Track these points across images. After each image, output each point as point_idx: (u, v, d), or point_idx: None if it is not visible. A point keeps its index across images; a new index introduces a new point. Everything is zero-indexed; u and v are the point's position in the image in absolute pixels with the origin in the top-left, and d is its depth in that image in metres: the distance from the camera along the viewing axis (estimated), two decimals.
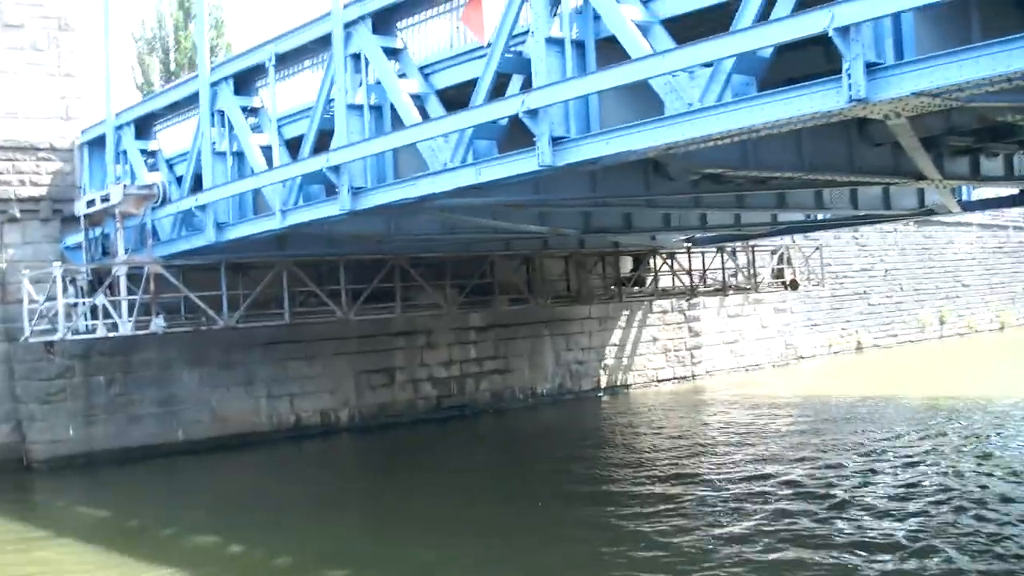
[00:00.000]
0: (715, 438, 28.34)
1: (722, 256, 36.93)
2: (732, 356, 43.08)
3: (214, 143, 22.76)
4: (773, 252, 39.68)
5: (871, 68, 12.23)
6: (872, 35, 12.50)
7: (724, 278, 37.10)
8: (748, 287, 37.94)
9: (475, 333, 34.63)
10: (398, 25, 19.19)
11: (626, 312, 38.65)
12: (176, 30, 68.36)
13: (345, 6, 19.11)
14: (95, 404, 27.72)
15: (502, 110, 15.75)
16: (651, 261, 37.38)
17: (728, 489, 21.48)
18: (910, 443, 26.04)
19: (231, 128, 22.50)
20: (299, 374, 30.85)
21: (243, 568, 17.81)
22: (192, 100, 24.89)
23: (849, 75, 12.28)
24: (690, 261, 36.83)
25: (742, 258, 38.28)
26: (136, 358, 28.21)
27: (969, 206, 30.09)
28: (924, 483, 21.17)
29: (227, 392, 29.60)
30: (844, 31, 12.03)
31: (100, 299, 24.05)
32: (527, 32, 16.50)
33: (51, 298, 24.89)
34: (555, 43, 15.69)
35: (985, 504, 18.96)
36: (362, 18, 18.90)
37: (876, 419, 30.24)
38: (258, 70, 22.31)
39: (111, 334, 24.41)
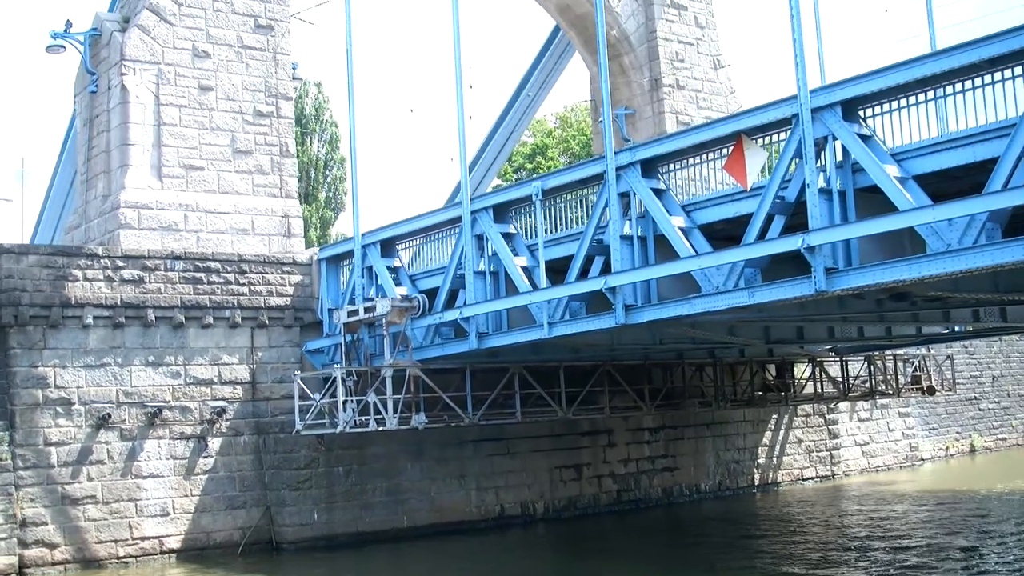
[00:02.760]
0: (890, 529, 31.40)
1: (869, 364, 40.13)
2: (864, 457, 46.13)
3: (472, 263, 26.57)
4: (905, 361, 42.72)
5: None
6: None
7: (872, 384, 40.22)
8: (891, 392, 41.04)
9: (648, 434, 38.12)
10: (660, 169, 22.98)
11: (775, 415, 41.92)
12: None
13: (617, 153, 22.96)
14: (335, 492, 31.32)
15: (785, 246, 19.45)
16: (795, 368, 40.69)
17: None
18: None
19: (491, 251, 26.30)
20: (503, 468, 34.37)
21: None
22: (441, 225, 28.88)
23: None
24: (843, 368, 40.03)
25: (879, 365, 41.41)
26: (368, 452, 31.84)
27: None
28: None
29: (443, 484, 33.15)
30: None
31: (371, 397, 27.67)
32: (789, 180, 20.29)
33: (331, 396, 28.47)
34: (824, 192, 19.39)
35: None
36: (632, 164, 22.79)
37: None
38: (518, 202, 26.21)
39: (380, 428, 27.99)
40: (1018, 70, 17.77)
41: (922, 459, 49.83)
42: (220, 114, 34.50)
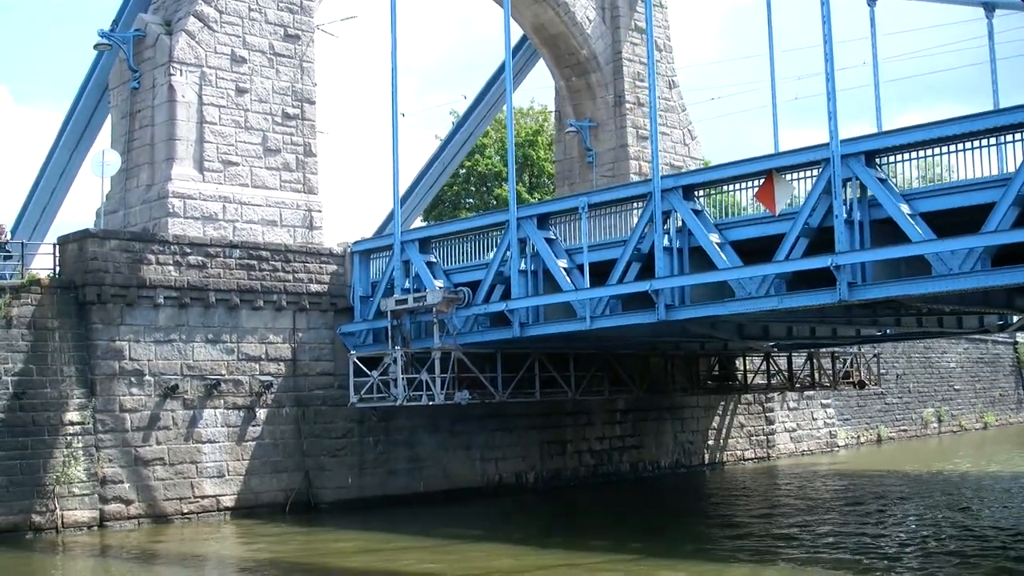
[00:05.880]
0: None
1: (811, 359, 45.46)
2: (792, 442, 51.63)
3: (515, 262, 30.92)
4: (837, 358, 47.97)
5: None
6: None
7: (814, 376, 45.60)
8: (828, 385, 46.46)
9: (619, 415, 42.94)
10: (697, 194, 27.66)
11: (722, 403, 47.08)
12: None
13: (663, 178, 27.59)
14: (366, 460, 35.62)
15: (817, 263, 24.25)
16: (746, 361, 45.88)
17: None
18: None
19: (532, 252, 30.65)
20: (502, 443, 38.97)
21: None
22: (482, 228, 33.23)
23: None
24: (789, 362, 45.38)
25: (816, 361, 46.81)
26: (393, 424, 36.12)
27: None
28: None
29: (454, 455, 37.65)
30: None
31: (425, 375, 31.91)
32: (814, 210, 25.07)
33: (384, 374, 32.67)
34: (847, 222, 24.23)
35: None
36: (675, 188, 27.41)
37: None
38: (559, 213, 30.67)
39: (430, 403, 32.22)
40: (1012, 136, 22.82)
41: (838, 446, 55.59)
42: (253, 115, 38.18)
